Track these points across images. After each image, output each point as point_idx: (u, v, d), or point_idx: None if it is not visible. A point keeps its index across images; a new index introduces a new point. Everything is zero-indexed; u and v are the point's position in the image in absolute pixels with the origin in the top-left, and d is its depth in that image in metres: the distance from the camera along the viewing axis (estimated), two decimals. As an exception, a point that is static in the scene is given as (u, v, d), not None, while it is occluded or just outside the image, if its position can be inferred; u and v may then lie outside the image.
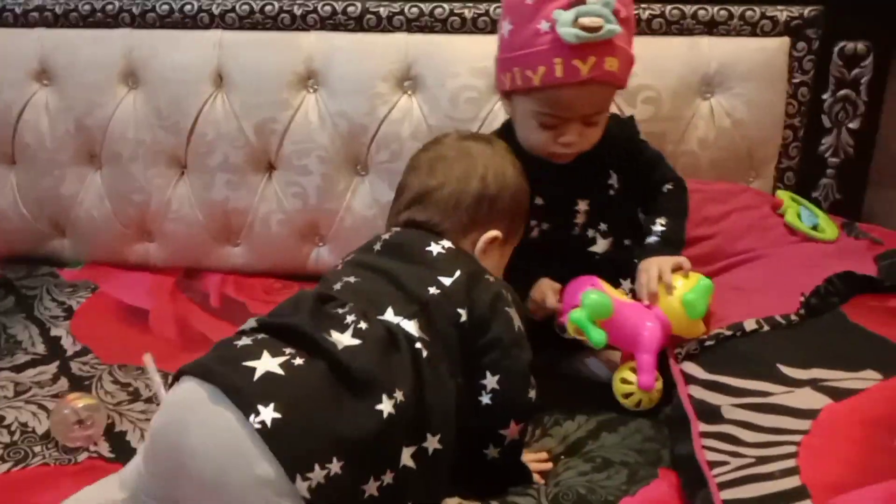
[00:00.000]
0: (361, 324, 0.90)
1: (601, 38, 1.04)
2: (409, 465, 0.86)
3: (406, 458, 0.86)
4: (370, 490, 0.83)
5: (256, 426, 0.78)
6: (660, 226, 1.19)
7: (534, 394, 0.97)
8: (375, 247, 1.06)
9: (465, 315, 0.95)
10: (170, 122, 1.51)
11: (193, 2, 1.50)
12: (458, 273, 0.98)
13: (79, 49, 1.54)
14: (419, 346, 0.91)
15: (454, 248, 1.03)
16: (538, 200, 1.18)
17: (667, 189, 1.24)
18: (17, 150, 1.59)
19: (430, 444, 0.88)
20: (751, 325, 1.10)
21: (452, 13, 1.45)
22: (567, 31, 1.03)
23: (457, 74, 1.42)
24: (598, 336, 1.07)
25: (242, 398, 0.80)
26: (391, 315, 0.93)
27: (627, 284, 1.20)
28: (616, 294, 1.14)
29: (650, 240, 1.19)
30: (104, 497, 0.93)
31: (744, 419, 0.96)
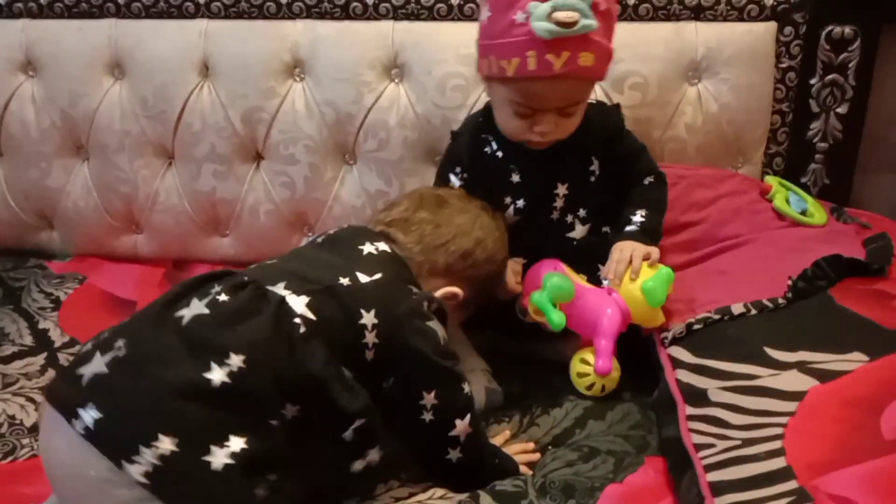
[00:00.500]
0: (222, 295, 0.89)
1: (575, 34, 1.02)
2: (265, 432, 0.83)
3: (258, 425, 0.83)
4: (217, 461, 0.79)
5: (81, 431, 0.79)
6: (640, 216, 1.20)
7: (468, 387, 0.98)
8: (319, 239, 1.08)
9: (369, 318, 0.93)
10: (156, 113, 1.51)
11: (178, -9, 1.50)
12: (379, 276, 0.96)
13: (64, 39, 1.53)
14: (297, 322, 0.89)
15: (388, 253, 1.02)
16: (514, 178, 1.18)
17: (648, 182, 1.24)
18: (4, 142, 1.58)
19: (289, 412, 0.86)
20: (738, 309, 1.10)
21: (438, 0, 1.44)
22: (540, 26, 1.02)
23: (443, 62, 1.42)
24: (558, 318, 1.08)
25: (66, 408, 0.81)
26: (280, 288, 0.91)
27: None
28: (578, 279, 1.15)
29: (629, 228, 1.19)
30: None
31: (730, 402, 0.96)
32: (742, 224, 1.31)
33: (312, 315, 0.90)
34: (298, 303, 0.90)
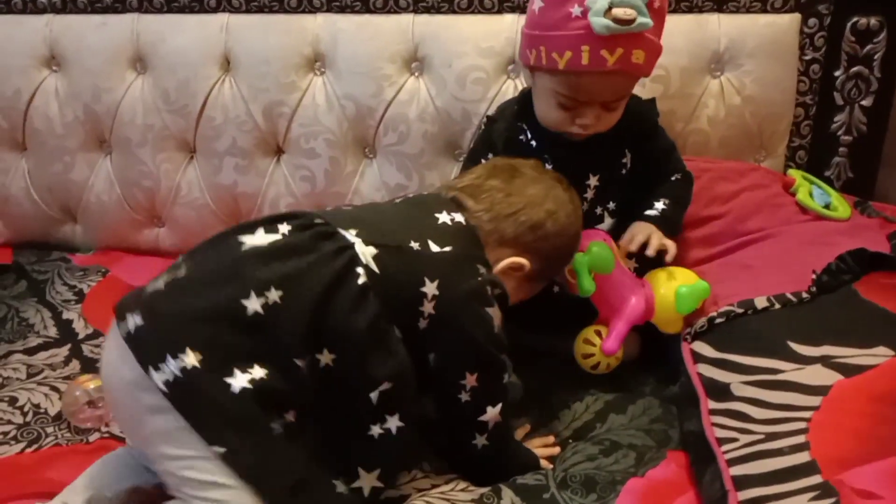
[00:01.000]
0: (287, 231, 0.91)
1: (632, 31, 1.02)
2: (289, 370, 0.84)
3: (282, 361, 0.84)
4: (237, 384, 0.81)
5: (123, 334, 0.85)
6: (662, 204, 1.20)
7: (507, 378, 0.97)
8: (397, 200, 1.08)
9: (431, 288, 0.91)
10: (178, 107, 1.52)
11: (200, -15, 1.51)
12: (449, 248, 0.94)
13: (87, 34, 1.54)
14: (360, 271, 0.88)
15: (463, 226, 0.99)
16: (547, 167, 1.17)
17: (675, 178, 1.24)
18: (28, 137, 1.60)
19: (324, 359, 0.87)
20: (762, 303, 1.09)
21: (459, -7, 1.44)
22: (598, 21, 1.01)
23: (464, 55, 1.41)
24: (588, 285, 1.08)
25: (120, 313, 0.87)
26: (350, 235, 0.91)
27: (632, 264, 1.20)
28: (621, 259, 1.15)
29: (649, 212, 1.19)
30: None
31: (753, 396, 0.95)
32: (765, 218, 1.30)
33: (377, 268, 0.90)
34: (366, 252, 0.90)
